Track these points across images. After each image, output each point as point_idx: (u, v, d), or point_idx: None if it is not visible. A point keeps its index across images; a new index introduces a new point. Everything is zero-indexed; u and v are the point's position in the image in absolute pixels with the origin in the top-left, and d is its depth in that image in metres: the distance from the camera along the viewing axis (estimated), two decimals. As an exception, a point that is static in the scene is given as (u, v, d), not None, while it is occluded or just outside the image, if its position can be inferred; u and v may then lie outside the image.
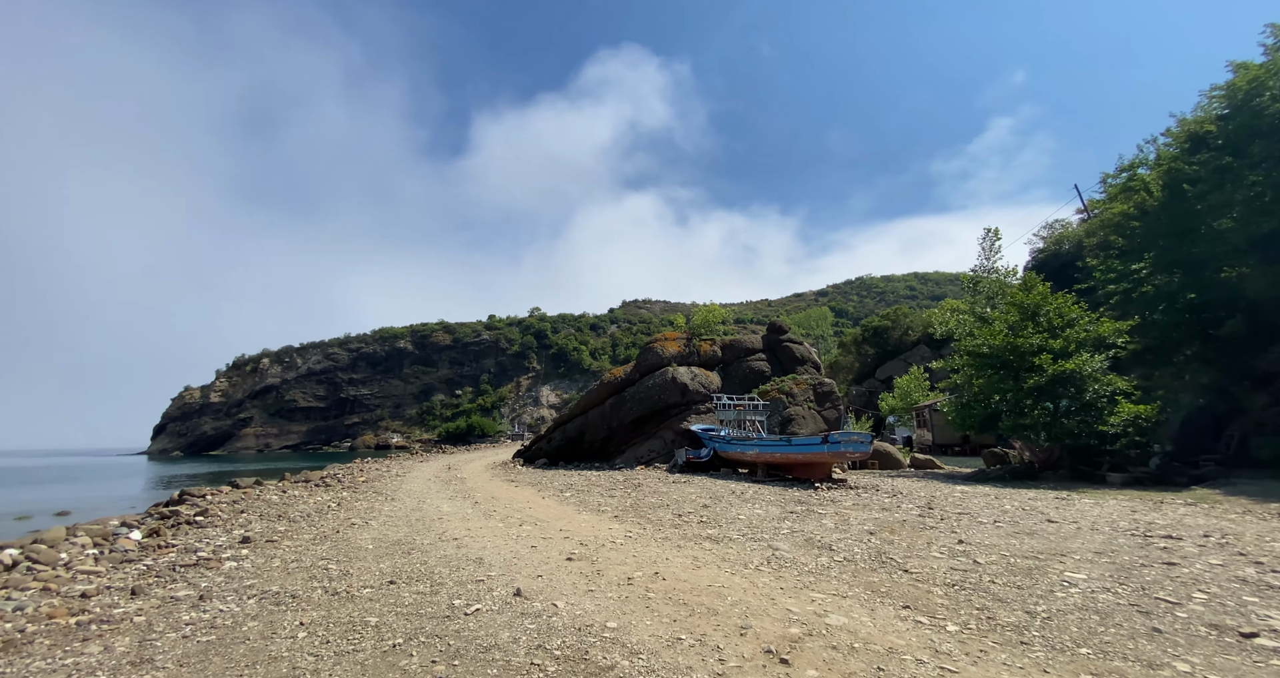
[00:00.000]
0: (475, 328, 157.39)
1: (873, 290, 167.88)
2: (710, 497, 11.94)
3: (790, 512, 9.86)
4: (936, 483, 14.64)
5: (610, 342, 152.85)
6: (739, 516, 9.62)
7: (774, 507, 10.50)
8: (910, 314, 51.15)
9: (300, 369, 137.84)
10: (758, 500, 11.33)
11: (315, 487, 15.62)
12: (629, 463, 19.83)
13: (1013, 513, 9.67)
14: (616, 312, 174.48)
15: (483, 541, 8.21)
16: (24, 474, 48.91)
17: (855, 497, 11.72)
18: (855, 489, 12.92)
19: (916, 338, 48.54)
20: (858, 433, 13.30)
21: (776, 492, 12.63)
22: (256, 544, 8.03)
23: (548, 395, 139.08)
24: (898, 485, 13.94)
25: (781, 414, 19.25)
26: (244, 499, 12.13)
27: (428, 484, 16.46)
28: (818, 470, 14.16)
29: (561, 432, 21.86)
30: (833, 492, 12.46)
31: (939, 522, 8.88)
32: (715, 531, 8.50)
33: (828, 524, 8.71)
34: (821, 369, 24.18)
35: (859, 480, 14.72)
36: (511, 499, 12.62)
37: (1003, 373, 16.73)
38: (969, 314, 19.60)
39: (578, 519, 9.82)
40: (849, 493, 12.37)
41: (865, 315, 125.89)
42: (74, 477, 44.40)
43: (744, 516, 9.61)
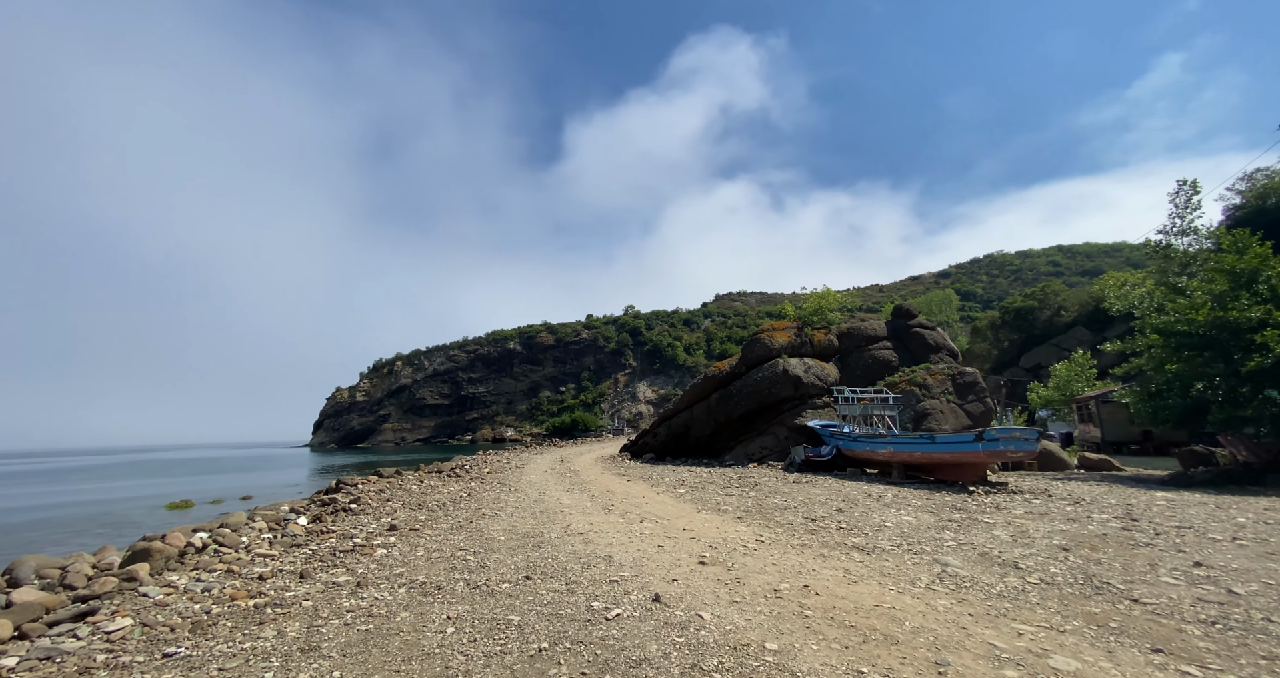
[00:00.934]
0: (575, 328, 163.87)
1: (1006, 269, 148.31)
2: (842, 499, 10.83)
3: (947, 520, 8.54)
4: (1125, 488, 12.14)
5: (704, 337, 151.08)
6: (884, 522, 8.50)
7: (924, 513, 9.20)
8: (1063, 291, 43.85)
9: (427, 370, 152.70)
10: (901, 505, 10.04)
11: (447, 477, 16.72)
12: (739, 460, 18.98)
13: (1254, 528, 7.58)
14: (710, 306, 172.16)
15: (607, 537, 7.99)
16: (214, 464, 59.03)
17: (1025, 503, 9.95)
18: (1022, 494, 11.03)
19: (1071, 318, 41.70)
20: (1019, 429, 11.36)
21: (921, 495, 11.16)
22: (402, 532, 8.49)
23: (644, 391, 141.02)
24: (1074, 490, 11.72)
25: (914, 409, 17.27)
26: (389, 489, 13.24)
27: (545, 477, 16.94)
28: (968, 472, 12.37)
29: (666, 427, 21.54)
30: (993, 497, 10.73)
31: (1153, 537, 7.15)
32: (860, 539, 7.53)
33: (1001, 536, 7.34)
34: (959, 357, 21.47)
35: (1021, 484, 12.64)
36: (626, 494, 12.44)
37: (1209, 355, 13.54)
38: (1157, 285, 16.21)
39: (698, 518, 9.31)
40: (1014, 499, 10.58)
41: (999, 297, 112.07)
42: (253, 466, 52.71)
43: (890, 522, 8.48)
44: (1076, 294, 44.91)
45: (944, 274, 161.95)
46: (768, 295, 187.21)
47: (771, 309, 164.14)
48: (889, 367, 20.17)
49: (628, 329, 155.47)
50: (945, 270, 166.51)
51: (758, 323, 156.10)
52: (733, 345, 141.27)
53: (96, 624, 4.45)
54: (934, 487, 12.36)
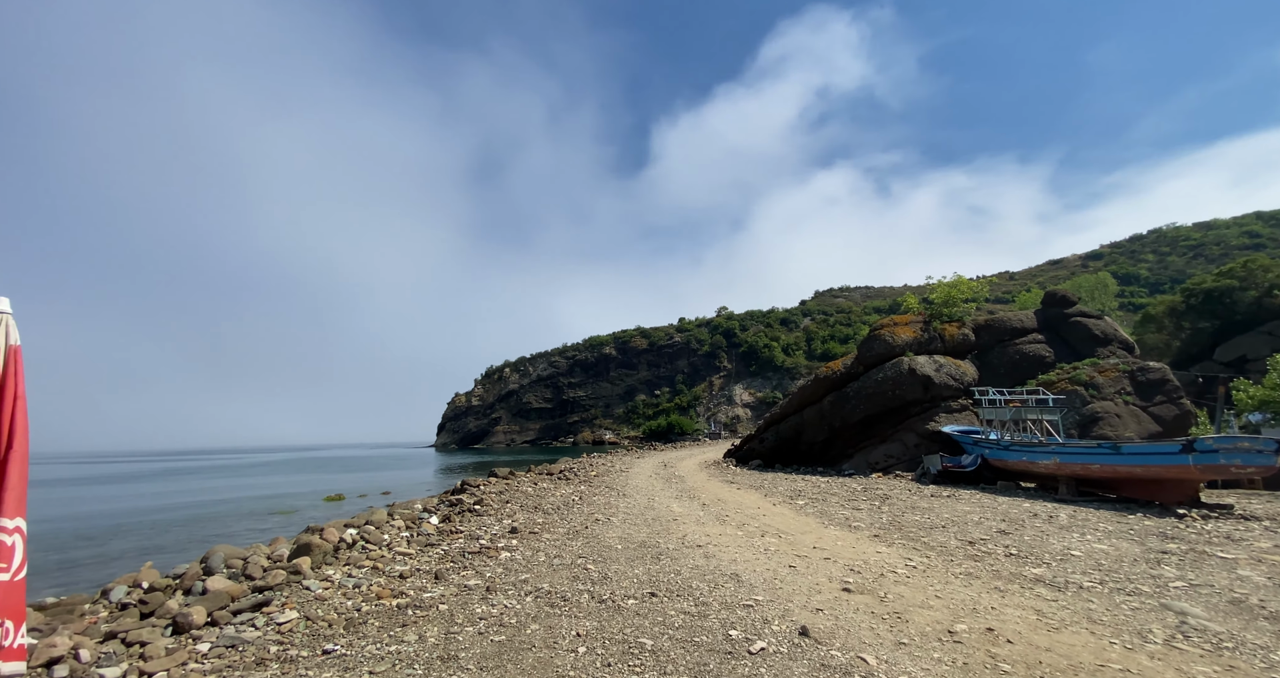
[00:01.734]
0: (667, 331, 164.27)
1: (1180, 245, 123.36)
2: (1002, 519, 9.28)
3: (1160, 551, 6.87)
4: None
5: (804, 336, 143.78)
6: (1069, 549, 7.05)
7: (1122, 540, 7.53)
8: (1275, 266, 35.02)
9: (532, 376, 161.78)
10: (1085, 528, 8.35)
11: (557, 480, 17.15)
12: (860, 469, 17.38)
13: None
14: (809, 304, 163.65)
15: (729, 551, 7.43)
16: (357, 462, 66.63)
17: (1268, 533, 7.78)
18: (1259, 521, 8.70)
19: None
20: (1249, 438, 9.00)
21: (1109, 517, 9.25)
22: (522, 535, 8.60)
23: (741, 394, 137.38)
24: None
25: (1079, 413, 14.65)
26: (507, 490, 13.78)
27: (650, 481, 16.72)
28: (1170, 490, 10.10)
29: (775, 431, 20.39)
30: (1217, 523, 8.57)
31: None
32: (1042, 569, 6.26)
33: (1255, 579, 5.69)
34: (1135, 350, 18.06)
35: (1250, 506, 10.06)
36: (740, 504, 11.75)
37: None
38: None
39: (827, 535, 8.41)
40: (1251, 527, 8.36)
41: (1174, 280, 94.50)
42: (389, 465, 58.74)
43: (1078, 550, 7.00)
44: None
45: (1094, 256, 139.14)
46: (874, 290, 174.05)
47: (879, 304, 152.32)
48: (1041, 363, 17.41)
49: (721, 331, 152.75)
50: (1096, 251, 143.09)
51: (865, 320, 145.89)
52: (836, 345, 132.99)
53: (270, 615, 4.82)
54: (1120, 507, 10.22)
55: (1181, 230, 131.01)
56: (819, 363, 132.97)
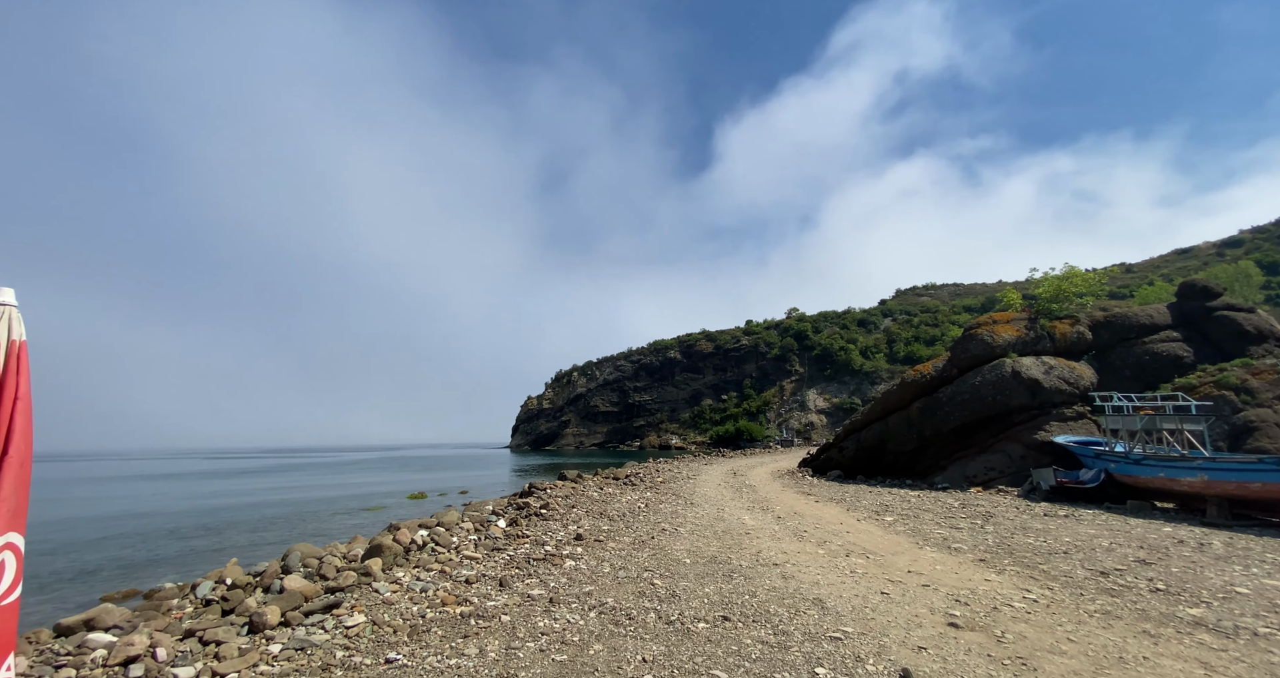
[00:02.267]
0: (734, 334, 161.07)
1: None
2: (1139, 545, 7.90)
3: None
4: None
5: (885, 338, 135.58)
6: (1232, 586, 5.79)
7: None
8: None
9: (598, 380, 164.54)
10: (1247, 560, 6.89)
11: (623, 485, 16.95)
12: (955, 482, 15.78)
13: None
14: (890, 303, 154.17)
15: (809, 571, 6.78)
16: (439, 462, 70.37)
17: None
18: None
19: None
20: None
21: (1260, 544, 7.61)
22: (587, 542, 8.38)
23: (815, 400, 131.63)
24: None
25: (1228, 422, 12.41)
26: (573, 494, 13.72)
27: (719, 490, 16.10)
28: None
29: (855, 440, 19.02)
30: None
31: None
32: (1200, 610, 5.15)
33: None
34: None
35: None
36: (819, 518, 10.92)
37: None
38: None
39: (923, 557, 7.50)
40: None
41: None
42: (467, 465, 61.65)
43: (1243, 587, 5.74)
44: None
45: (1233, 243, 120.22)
46: (963, 287, 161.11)
47: (969, 302, 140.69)
48: (1177, 365, 15.03)
49: (792, 333, 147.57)
50: (1235, 237, 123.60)
51: (953, 320, 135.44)
52: (921, 347, 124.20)
53: (339, 618, 4.87)
54: None
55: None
56: (902, 366, 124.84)
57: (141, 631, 4.28)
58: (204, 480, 39.16)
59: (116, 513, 20.13)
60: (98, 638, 4.07)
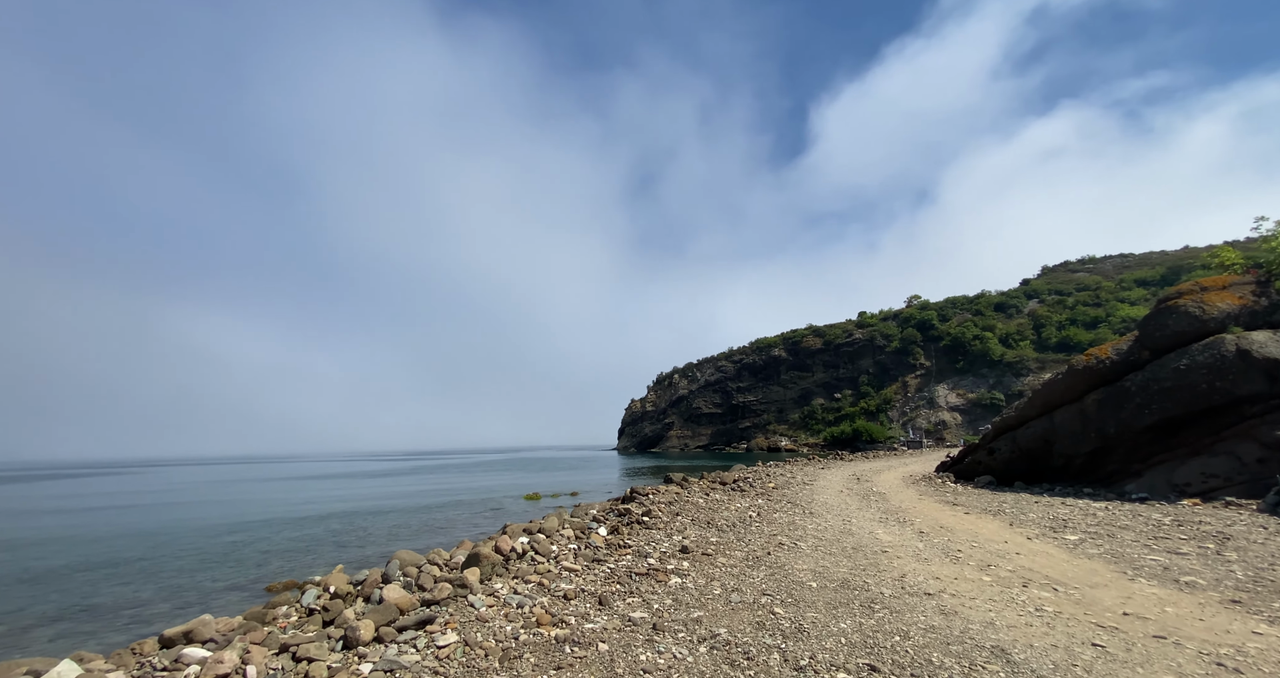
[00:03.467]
0: (845, 328, 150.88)
1: None
2: None
3: None
4: None
5: (1030, 323, 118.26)
6: None
7: None
8: None
9: (700, 381, 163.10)
10: None
11: (731, 491, 15.87)
12: (1157, 492, 12.61)
13: None
14: (1034, 283, 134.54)
15: (976, 606, 5.38)
16: (552, 463, 73.65)
17: None
18: None
19: None
20: None
21: None
22: (694, 556, 7.59)
23: (946, 395, 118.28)
24: None
25: None
26: (677, 500, 12.94)
27: (842, 498, 14.41)
28: None
29: (1010, 440, 16.08)
30: None
31: None
32: None
33: None
34: None
35: None
36: (975, 534, 9.08)
37: None
38: None
39: (1138, 593, 5.68)
40: None
41: None
42: (578, 466, 63.80)
43: None
44: None
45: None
46: (1134, 258, 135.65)
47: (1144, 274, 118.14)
48: None
49: (914, 323, 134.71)
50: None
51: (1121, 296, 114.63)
52: (1080, 331, 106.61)
53: (432, 635, 4.61)
54: None
55: None
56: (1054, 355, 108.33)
57: (235, 646, 4.32)
58: (357, 482, 44.47)
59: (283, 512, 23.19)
60: (193, 653, 4.17)
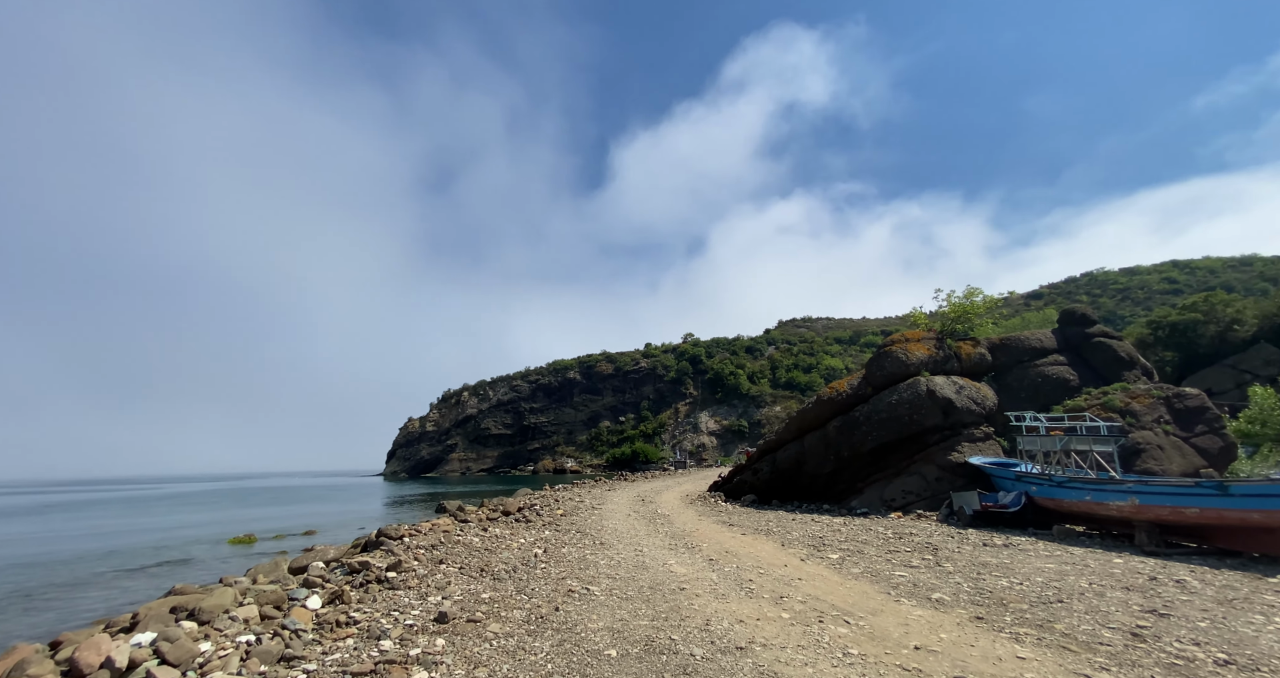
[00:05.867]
0: (634, 356, 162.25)
1: (1111, 288, 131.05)
2: (1125, 587, 6.85)
3: None
4: None
5: (769, 364, 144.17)
6: (1275, 642, 4.60)
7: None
8: (1236, 301, 36.18)
9: (491, 400, 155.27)
10: (1250, 604, 5.99)
11: (515, 522, 13.87)
12: (874, 507, 14.94)
13: None
14: (773, 332, 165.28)
15: (790, 658, 4.65)
16: (292, 494, 59.84)
17: None
18: None
19: (1250, 333, 34.11)
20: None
21: (1240, 579, 6.98)
22: (455, 626, 5.53)
23: (706, 422, 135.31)
24: None
25: (1119, 442, 12.73)
26: (445, 542, 10.30)
27: (630, 522, 13.72)
28: None
29: (770, 461, 17.79)
30: None
31: None
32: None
33: None
34: (1155, 376, 16.60)
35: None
36: (758, 559, 8.97)
37: None
38: None
39: (913, 620, 5.74)
40: None
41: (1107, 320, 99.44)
42: (327, 497, 52.76)
43: (1270, 640, 4.57)
44: (1257, 304, 37.26)
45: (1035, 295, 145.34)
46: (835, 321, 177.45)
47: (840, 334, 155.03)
48: (1065, 387, 15.65)
49: (687, 357, 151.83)
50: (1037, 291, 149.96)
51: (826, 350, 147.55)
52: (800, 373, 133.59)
53: None
54: (1232, 563, 8.03)
55: (1109, 275, 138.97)
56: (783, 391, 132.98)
57: None
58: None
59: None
60: None
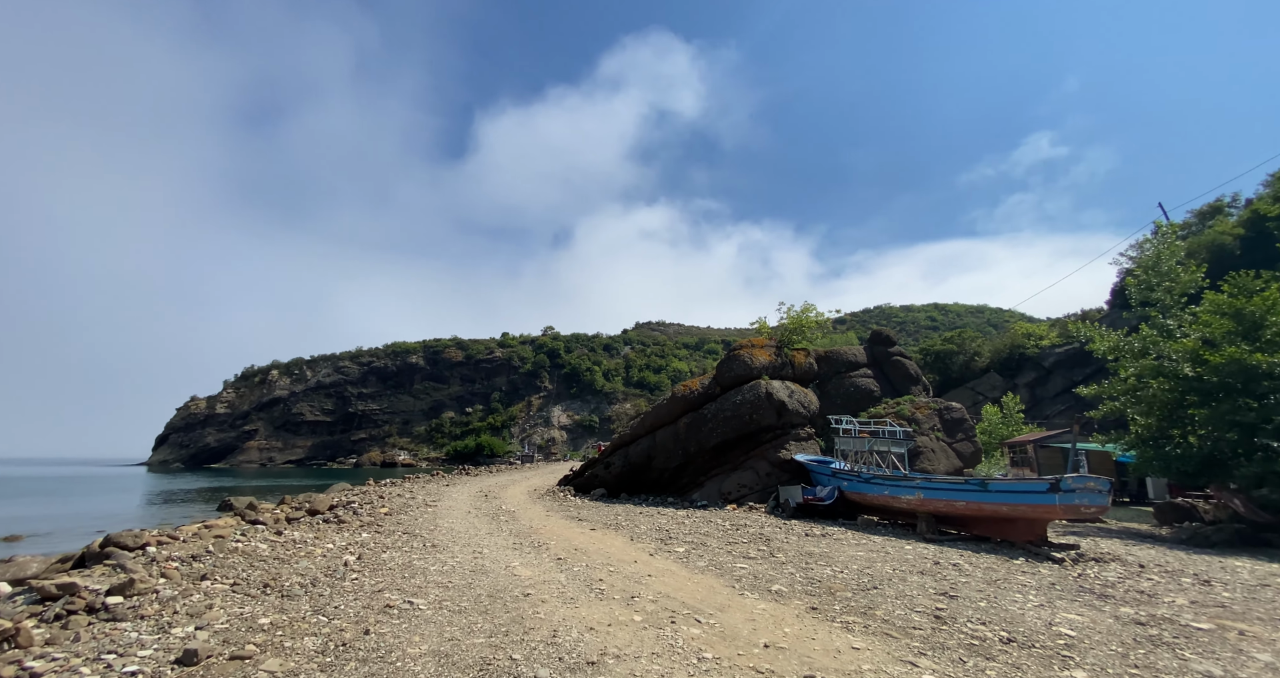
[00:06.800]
0: (488, 345, 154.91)
1: (893, 320, 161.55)
2: (919, 572, 7.87)
3: (1134, 623, 5.79)
4: (1156, 549, 10.50)
5: (624, 363, 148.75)
6: (1053, 625, 5.58)
7: (1076, 606, 6.44)
8: (977, 338, 46.85)
9: (309, 382, 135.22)
10: (1007, 585, 7.26)
11: (324, 523, 11.66)
12: (712, 500, 15.75)
13: None
14: (630, 333, 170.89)
15: (645, 669, 4.27)
16: (10, 486, 45.34)
17: (1146, 578, 7.59)
18: (1118, 563, 8.79)
19: (985, 364, 44.19)
20: (1094, 478, 9.28)
21: (1000, 563, 8.55)
22: (210, 669, 4.10)
23: (559, 416, 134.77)
24: (1144, 555, 9.80)
25: (908, 446, 15.16)
26: (212, 553, 7.88)
27: (471, 520, 12.49)
28: (1022, 529, 10.07)
29: (623, 456, 17.85)
30: (1099, 568, 8.35)
31: None
32: (1083, 675, 4.52)
33: (1266, 662, 4.66)
34: (929, 391, 20.14)
35: (1099, 548, 10.53)
36: (608, 555, 8.63)
37: (1233, 401, 12.58)
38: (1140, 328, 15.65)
39: (758, 614, 5.84)
40: (1116, 570, 8.27)
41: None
42: (64, 490, 40.89)
43: (1068, 626, 5.57)
44: (991, 342, 47.90)
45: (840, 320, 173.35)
46: (685, 327, 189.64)
47: (689, 340, 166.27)
48: (870, 397, 18.24)
49: (545, 350, 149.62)
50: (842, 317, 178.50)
51: (675, 354, 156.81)
52: (650, 374, 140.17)
53: None
54: (987, 548, 9.89)
55: (892, 309, 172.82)
56: (634, 390, 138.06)
57: None
58: None
59: None
60: None
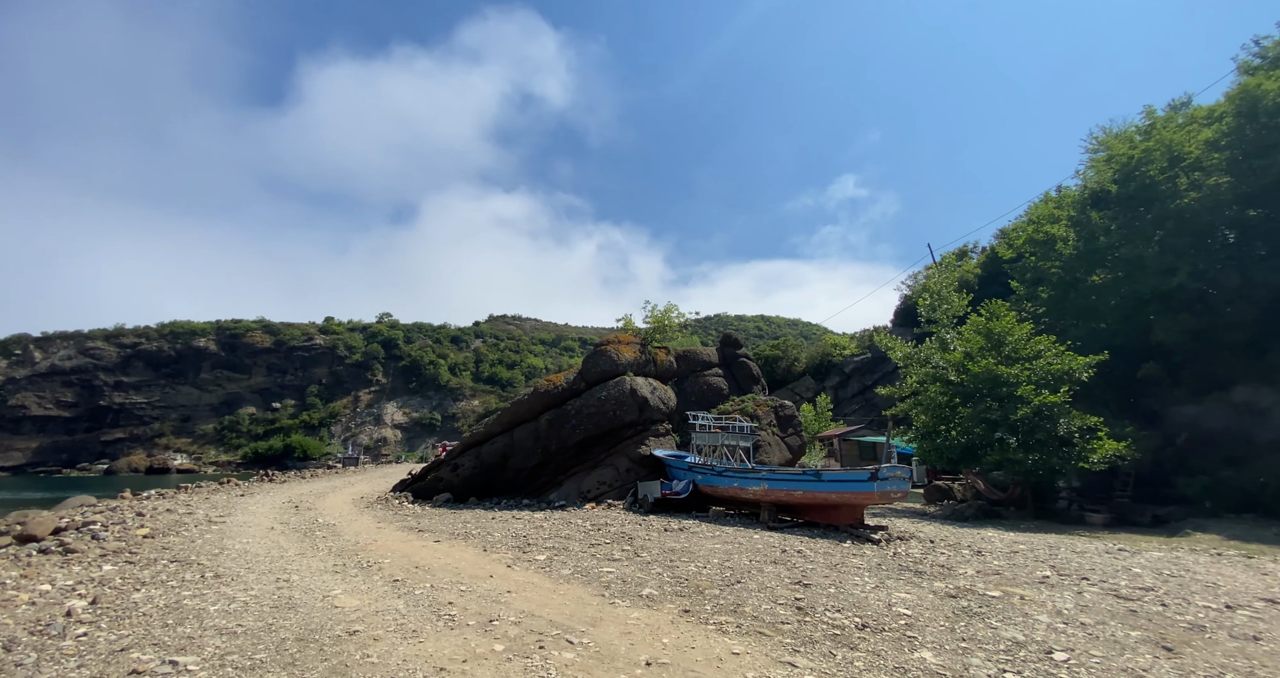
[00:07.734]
0: (307, 330, 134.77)
1: (729, 327, 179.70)
2: (773, 561, 8.30)
3: (948, 597, 6.68)
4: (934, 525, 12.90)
5: (474, 357, 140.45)
6: (892, 606, 6.17)
7: (902, 586, 7.26)
8: (797, 346, 53.89)
9: (39, 366, 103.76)
10: (843, 568, 8.00)
11: (40, 555, 8.37)
12: (570, 499, 15.25)
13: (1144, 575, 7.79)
14: (483, 326, 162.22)
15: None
16: None
17: (939, 552, 9.04)
18: (915, 540, 10.35)
19: (802, 369, 50.86)
20: (900, 468, 10.88)
21: (832, 547, 9.48)
22: None
23: (393, 414, 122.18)
24: (929, 532, 11.78)
25: (752, 440, 16.44)
26: None
27: (274, 538, 10.11)
28: (844, 514, 11.39)
29: (474, 456, 16.34)
30: (905, 546, 9.69)
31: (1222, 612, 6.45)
32: (933, 656, 4.96)
33: (1046, 622, 5.69)
34: (767, 390, 22.22)
35: (899, 528, 12.26)
36: (458, 572, 7.55)
37: (984, 403, 15.92)
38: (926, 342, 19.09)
39: (634, 625, 5.49)
40: (918, 547, 9.72)
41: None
42: None
43: (904, 607, 6.19)
44: (806, 350, 55.22)
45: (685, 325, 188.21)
46: (541, 323, 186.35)
47: (545, 337, 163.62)
48: (720, 395, 19.45)
49: (380, 339, 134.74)
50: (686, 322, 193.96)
51: (531, 350, 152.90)
52: (503, 369, 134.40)
53: None
54: (815, 532, 10.98)
55: (728, 318, 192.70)
56: (485, 386, 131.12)
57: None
58: None
59: None
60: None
